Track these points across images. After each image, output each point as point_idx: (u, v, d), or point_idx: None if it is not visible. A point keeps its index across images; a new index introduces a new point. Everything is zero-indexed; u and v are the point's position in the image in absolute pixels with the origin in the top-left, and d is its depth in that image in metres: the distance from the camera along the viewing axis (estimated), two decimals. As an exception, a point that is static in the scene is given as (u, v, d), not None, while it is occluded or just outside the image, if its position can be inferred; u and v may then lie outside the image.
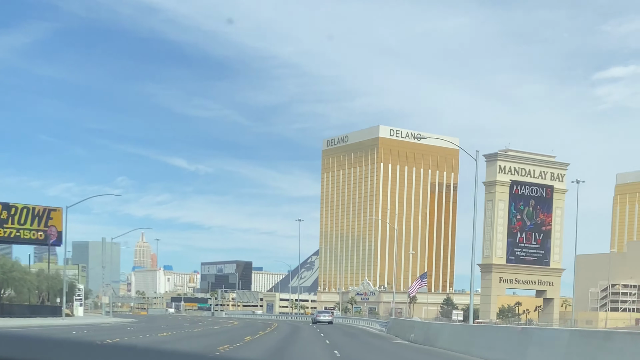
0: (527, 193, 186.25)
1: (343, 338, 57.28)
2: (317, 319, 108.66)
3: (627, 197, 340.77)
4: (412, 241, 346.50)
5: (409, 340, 51.25)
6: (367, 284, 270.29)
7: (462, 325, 64.21)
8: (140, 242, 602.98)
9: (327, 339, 52.08)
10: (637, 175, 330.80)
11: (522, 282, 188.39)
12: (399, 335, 58.39)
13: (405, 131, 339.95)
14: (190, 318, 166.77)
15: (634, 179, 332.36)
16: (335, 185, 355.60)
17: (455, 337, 40.95)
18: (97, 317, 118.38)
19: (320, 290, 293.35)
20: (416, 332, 51.15)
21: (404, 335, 55.81)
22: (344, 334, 65.60)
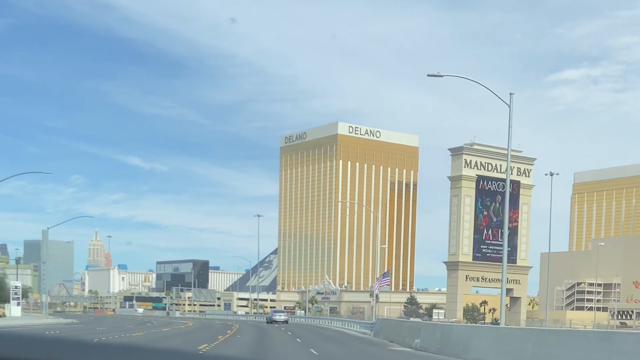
0: (493, 188, 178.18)
1: (328, 345, 48.10)
2: (273, 318, 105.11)
3: (585, 196, 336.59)
4: (372, 240, 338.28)
5: (413, 348, 42.11)
6: (327, 282, 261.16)
7: (517, 328, 51.89)
8: (94, 240, 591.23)
9: (311, 347, 42.51)
10: (594, 174, 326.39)
11: (488, 280, 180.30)
12: (394, 341, 49.46)
13: (365, 128, 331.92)
14: (141, 318, 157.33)
15: (591, 178, 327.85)
16: (294, 183, 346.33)
17: (507, 345, 30.06)
18: (34, 318, 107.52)
19: (279, 289, 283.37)
20: (423, 336, 41.57)
21: (401, 341, 46.82)
22: (325, 339, 56.92)
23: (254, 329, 76.81)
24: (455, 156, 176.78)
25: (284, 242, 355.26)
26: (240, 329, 76.60)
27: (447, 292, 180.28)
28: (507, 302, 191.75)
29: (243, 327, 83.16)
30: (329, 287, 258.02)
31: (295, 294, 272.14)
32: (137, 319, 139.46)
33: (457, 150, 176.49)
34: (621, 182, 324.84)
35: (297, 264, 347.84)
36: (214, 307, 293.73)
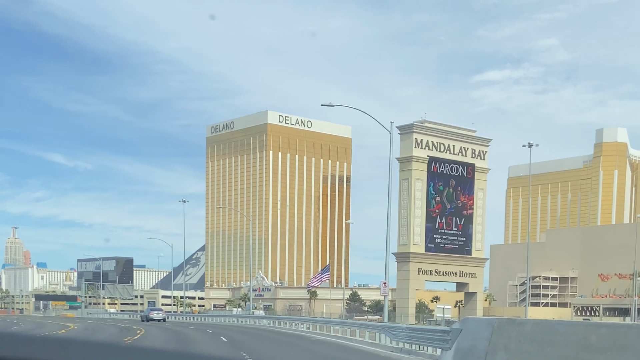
0: (446, 172, 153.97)
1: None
2: (150, 316, 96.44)
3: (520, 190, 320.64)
4: (304, 235, 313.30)
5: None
6: (261, 278, 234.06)
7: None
8: (12, 238, 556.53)
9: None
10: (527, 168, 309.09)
11: (442, 273, 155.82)
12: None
13: (295, 117, 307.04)
14: (30, 319, 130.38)
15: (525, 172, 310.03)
16: (221, 176, 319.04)
17: None
18: None
19: (208, 286, 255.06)
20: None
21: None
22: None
23: (169, 336, 53.88)
24: (405, 135, 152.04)
25: (212, 238, 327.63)
26: (147, 335, 51.45)
27: (397, 287, 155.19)
28: (461, 298, 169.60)
29: (151, 334, 56.46)
30: (263, 283, 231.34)
31: (226, 291, 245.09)
32: (13, 321, 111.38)
33: (407, 129, 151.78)
34: (556, 176, 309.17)
35: (226, 260, 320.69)
36: (136, 306, 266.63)
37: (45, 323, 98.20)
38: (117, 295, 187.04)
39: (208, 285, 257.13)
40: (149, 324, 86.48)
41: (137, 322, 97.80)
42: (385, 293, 56.54)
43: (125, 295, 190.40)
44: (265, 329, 79.01)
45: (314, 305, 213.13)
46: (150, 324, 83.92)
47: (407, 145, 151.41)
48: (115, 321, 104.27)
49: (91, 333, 62.32)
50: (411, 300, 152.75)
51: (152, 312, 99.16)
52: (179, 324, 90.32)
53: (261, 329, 76.25)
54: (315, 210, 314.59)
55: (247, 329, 78.16)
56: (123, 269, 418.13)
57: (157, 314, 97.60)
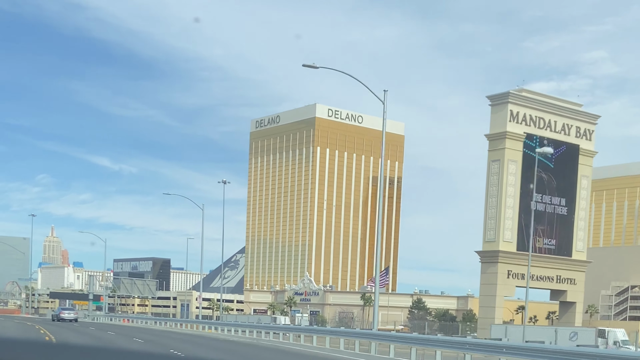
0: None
1: None
2: (61, 316, 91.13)
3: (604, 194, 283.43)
4: (351, 238, 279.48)
5: None
6: (308, 281, 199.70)
7: None
8: (50, 237, 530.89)
9: None
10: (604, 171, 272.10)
11: (536, 278, 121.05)
12: None
13: (345, 112, 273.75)
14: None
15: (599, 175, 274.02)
16: (265, 172, 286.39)
17: None
18: None
19: (248, 289, 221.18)
20: None
21: None
22: None
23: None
24: (497, 106, 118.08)
25: (252, 239, 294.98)
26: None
27: (481, 294, 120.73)
28: (554, 309, 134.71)
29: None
30: (310, 286, 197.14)
31: (268, 295, 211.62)
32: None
33: (500, 99, 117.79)
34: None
35: (266, 263, 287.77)
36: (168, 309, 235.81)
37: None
38: (146, 293, 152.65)
39: (248, 288, 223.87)
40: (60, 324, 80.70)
41: (49, 322, 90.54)
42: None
43: (145, 293, 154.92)
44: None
45: (368, 313, 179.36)
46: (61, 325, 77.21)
47: (500, 119, 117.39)
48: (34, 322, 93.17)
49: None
50: (498, 310, 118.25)
51: (62, 312, 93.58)
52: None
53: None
54: (363, 213, 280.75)
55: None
56: (160, 270, 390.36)
57: (68, 314, 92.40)
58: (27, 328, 66.28)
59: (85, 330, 67.95)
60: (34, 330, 61.74)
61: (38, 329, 63.59)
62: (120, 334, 61.29)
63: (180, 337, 62.23)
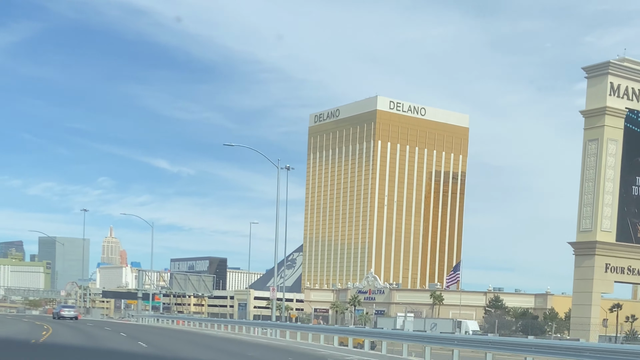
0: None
1: None
2: (61, 314, 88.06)
3: None
4: (412, 236, 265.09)
5: None
6: (372, 278, 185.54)
7: None
8: (109, 237, 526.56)
9: None
10: None
11: (637, 272, 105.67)
12: None
13: (408, 104, 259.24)
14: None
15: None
16: (324, 166, 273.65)
17: None
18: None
19: (308, 287, 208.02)
20: None
21: None
22: None
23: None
24: (594, 78, 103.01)
25: (310, 236, 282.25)
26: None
27: (574, 290, 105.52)
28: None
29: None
30: (375, 284, 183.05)
31: (329, 293, 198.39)
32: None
33: (599, 69, 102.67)
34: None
35: (325, 261, 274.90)
36: (225, 309, 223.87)
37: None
38: (202, 290, 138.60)
39: (309, 286, 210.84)
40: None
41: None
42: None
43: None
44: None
45: (438, 311, 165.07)
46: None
47: (598, 93, 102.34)
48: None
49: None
50: (594, 309, 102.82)
51: (63, 310, 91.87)
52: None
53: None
54: (425, 209, 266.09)
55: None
56: (216, 270, 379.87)
57: (68, 312, 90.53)
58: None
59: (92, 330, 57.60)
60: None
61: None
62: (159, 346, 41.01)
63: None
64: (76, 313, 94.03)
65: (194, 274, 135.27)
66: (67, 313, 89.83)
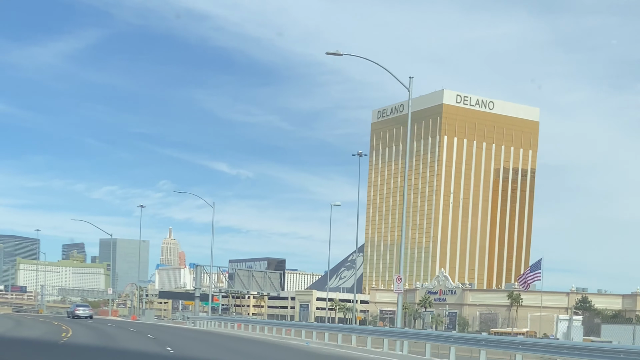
0: None
1: None
2: (76, 313, 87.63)
3: None
4: (479, 232, 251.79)
5: None
6: (444, 278, 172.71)
7: None
8: (168, 239, 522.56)
9: None
10: None
11: None
12: None
13: (475, 97, 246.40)
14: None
15: None
16: (386, 163, 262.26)
17: None
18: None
19: (374, 287, 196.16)
20: None
21: None
22: None
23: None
24: None
25: (372, 235, 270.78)
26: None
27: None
28: None
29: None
30: (446, 284, 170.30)
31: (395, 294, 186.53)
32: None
33: None
34: None
35: (387, 261, 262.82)
36: (286, 310, 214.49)
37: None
38: (267, 289, 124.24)
39: (374, 286, 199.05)
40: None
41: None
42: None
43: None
44: None
45: (516, 313, 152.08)
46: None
47: None
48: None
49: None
50: None
51: (77, 309, 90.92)
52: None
53: None
54: (492, 206, 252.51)
55: None
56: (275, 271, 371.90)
57: (82, 311, 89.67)
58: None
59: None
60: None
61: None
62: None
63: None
64: (91, 312, 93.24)
65: (258, 271, 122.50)
66: (82, 312, 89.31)
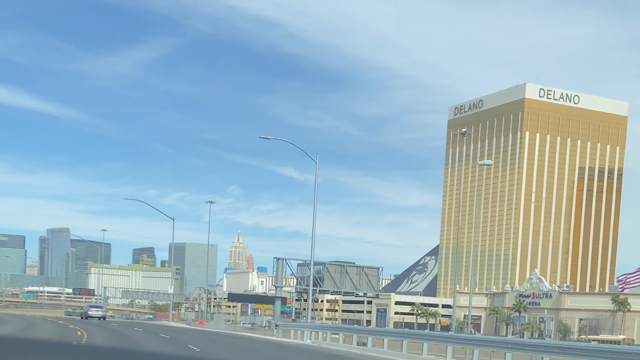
0: None
1: None
2: (89, 313, 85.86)
3: None
4: (562, 232, 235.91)
5: None
6: (537, 280, 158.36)
7: None
8: (236, 242, 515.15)
9: None
10: None
11: None
12: None
13: (560, 91, 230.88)
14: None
15: None
16: (464, 162, 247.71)
17: None
18: None
19: (459, 290, 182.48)
20: None
21: None
22: None
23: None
24: None
25: (447, 237, 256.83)
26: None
27: None
28: None
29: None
30: (540, 286, 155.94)
31: (481, 298, 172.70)
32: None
33: None
34: None
35: (464, 263, 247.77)
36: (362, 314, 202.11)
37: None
38: (364, 288, 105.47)
39: (459, 289, 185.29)
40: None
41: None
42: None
43: (371, 289, 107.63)
44: None
45: (623, 319, 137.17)
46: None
47: None
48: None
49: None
50: None
51: (90, 310, 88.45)
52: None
53: None
54: (577, 207, 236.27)
55: None
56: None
57: (95, 312, 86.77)
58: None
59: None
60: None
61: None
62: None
63: None
64: (104, 313, 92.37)
65: (352, 266, 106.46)
66: (95, 313, 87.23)
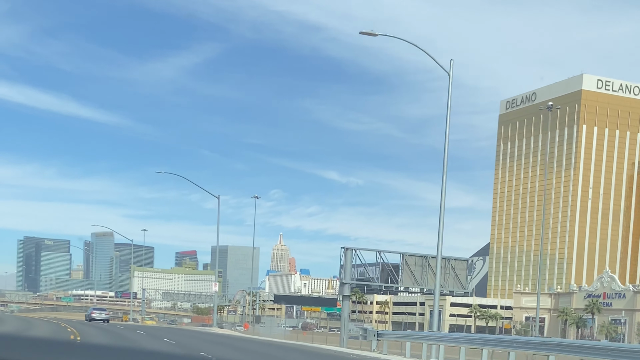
0: None
1: None
2: (92, 316, 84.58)
3: None
4: (621, 229, 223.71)
5: None
6: (609, 279, 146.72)
7: None
8: (278, 245, 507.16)
9: None
10: None
11: None
12: None
13: (619, 82, 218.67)
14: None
15: None
16: (515, 158, 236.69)
17: None
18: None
19: (518, 291, 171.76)
20: None
21: None
22: None
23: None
24: None
25: (498, 237, 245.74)
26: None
27: None
28: None
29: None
30: (612, 285, 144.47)
31: (545, 298, 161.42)
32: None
33: None
34: None
35: (515, 264, 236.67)
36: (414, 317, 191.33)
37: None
38: (451, 285, 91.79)
39: (518, 289, 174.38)
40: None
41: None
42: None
43: (460, 287, 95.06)
44: None
45: None
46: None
47: None
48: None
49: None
50: None
51: (94, 312, 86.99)
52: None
53: None
54: (637, 203, 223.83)
55: None
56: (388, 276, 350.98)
57: (99, 314, 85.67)
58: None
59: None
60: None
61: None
62: None
63: None
64: (107, 315, 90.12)
65: (435, 259, 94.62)
66: (99, 315, 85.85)
